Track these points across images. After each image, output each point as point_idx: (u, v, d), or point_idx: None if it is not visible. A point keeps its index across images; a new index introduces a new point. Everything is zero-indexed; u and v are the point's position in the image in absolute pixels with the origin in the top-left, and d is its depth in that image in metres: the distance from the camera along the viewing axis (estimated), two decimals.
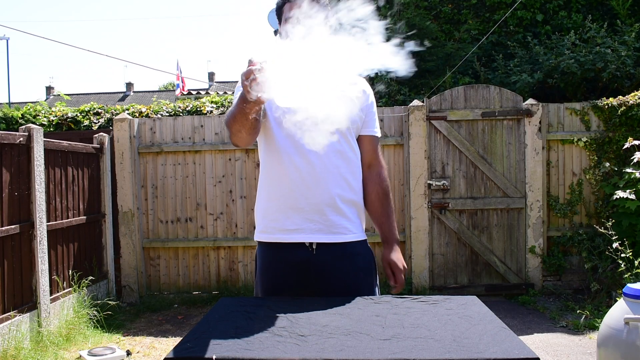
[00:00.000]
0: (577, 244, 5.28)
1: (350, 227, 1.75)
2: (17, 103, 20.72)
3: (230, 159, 5.54)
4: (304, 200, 1.69)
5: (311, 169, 1.68)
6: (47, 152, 4.43)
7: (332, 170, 1.70)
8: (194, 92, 14.12)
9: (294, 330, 1.31)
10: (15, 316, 3.80)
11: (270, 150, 1.73)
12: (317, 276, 1.69)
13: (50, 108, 6.28)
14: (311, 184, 1.68)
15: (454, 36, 7.21)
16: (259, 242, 1.79)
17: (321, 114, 1.47)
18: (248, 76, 1.33)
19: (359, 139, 1.84)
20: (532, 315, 4.81)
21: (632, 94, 5.33)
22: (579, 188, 5.37)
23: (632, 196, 4.75)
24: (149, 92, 33.53)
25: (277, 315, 1.43)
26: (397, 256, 1.84)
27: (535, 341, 4.13)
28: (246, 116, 1.47)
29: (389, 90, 6.22)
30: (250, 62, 1.35)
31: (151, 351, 4.14)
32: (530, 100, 5.37)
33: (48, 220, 4.42)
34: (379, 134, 1.89)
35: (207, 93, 12.06)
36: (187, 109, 6.00)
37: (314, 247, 1.70)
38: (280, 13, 1.77)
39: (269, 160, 1.74)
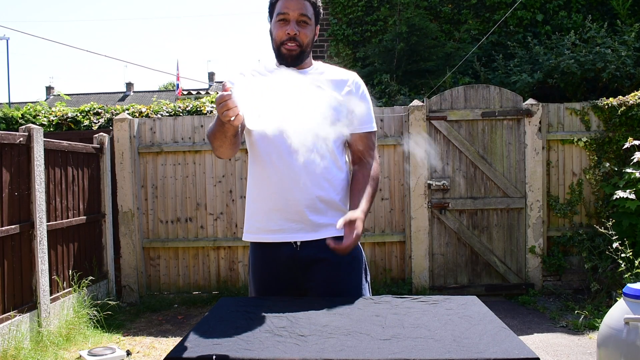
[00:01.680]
0: (577, 244, 5.28)
1: (334, 224, 1.74)
2: (17, 103, 20.72)
3: (230, 159, 5.54)
4: (284, 201, 1.73)
5: (290, 171, 1.72)
6: (47, 152, 4.43)
7: (312, 172, 1.72)
8: (194, 92, 14.11)
9: (294, 330, 1.31)
10: (15, 316, 3.80)
11: (254, 154, 1.79)
12: (302, 271, 1.75)
13: (50, 108, 6.28)
14: (291, 185, 1.72)
15: (454, 36, 7.21)
16: (250, 242, 1.85)
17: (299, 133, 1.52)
18: (220, 101, 1.39)
19: (351, 136, 1.81)
20: (532, 315, 4.81)
21: (632, 94, 5.33)
22: (579, 188, 5.37)
23: (632, 196, 4.75)
24: (149, 92, 33.53)
25: (277, 315, 1.43)
26: (357, 216, 1.62)
27: (535, 341, 4.13)
28: (225, 134, 1.55)
29: (389, 90, 6.22)
30: (224, 87, 1.41)
31: (151, 351, 4.14)
32: (530, 100, 5.37)
33: (48, 220, 4.42)
34: (371, 129, 1.83)
35: (207, 93, 12.05)
36: (187, 109, 6.00)
37: (298, 244, 1.75)
38: (272, 10, 1.77)
39: (253, 164, 1.81)
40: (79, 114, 6.02)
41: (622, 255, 4.36)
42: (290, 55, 1.73)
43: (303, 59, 1.76)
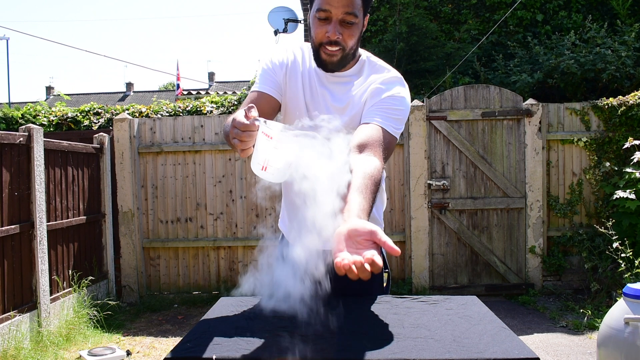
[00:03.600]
0: (577, 244, 5.28)
1: None
2: (17, 103, 20.72)
3: (230, 159, 5.54)
4: (309, 222, 1.67)
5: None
6: (47, 152, 4.43)
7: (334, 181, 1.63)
8: (194, 92, 14.12)
9: (294, 330, 1.31)
10: (15, 316, 3.80)
11: None
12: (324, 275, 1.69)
13: (50, 108, 6.28)
14: (312, 197, 1.64)
15: (454, 36, 7.21)
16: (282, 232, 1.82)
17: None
18: (244, 129, 1.17)
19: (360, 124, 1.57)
20: (532, 315, 4.81)
21: (632, 94, 5.33)
22: (579, 188, 5.37)
23: (632, 196, 4.75)
24: (149, 92, 33.54)
25: (277, 315, 1.43)
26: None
27: (535, 341, 4.13)
28: (235, 148, 1.35)
29: None
30: (248, 113, 1.17)
31: (151, 351, 4.14)
32: (530, 100, 5.37)
33: (48, 220, 4.42)
34: (385, 127, 1.49)
35: (207, 93, 12.06)
36: (187, 109, 6.00)
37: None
38: None
39: None
40: (79, 114, 6.02)
41: (622, 255, 4.36)
42: (331, 62, 1.48)
43: (346, 64, 1.51)
